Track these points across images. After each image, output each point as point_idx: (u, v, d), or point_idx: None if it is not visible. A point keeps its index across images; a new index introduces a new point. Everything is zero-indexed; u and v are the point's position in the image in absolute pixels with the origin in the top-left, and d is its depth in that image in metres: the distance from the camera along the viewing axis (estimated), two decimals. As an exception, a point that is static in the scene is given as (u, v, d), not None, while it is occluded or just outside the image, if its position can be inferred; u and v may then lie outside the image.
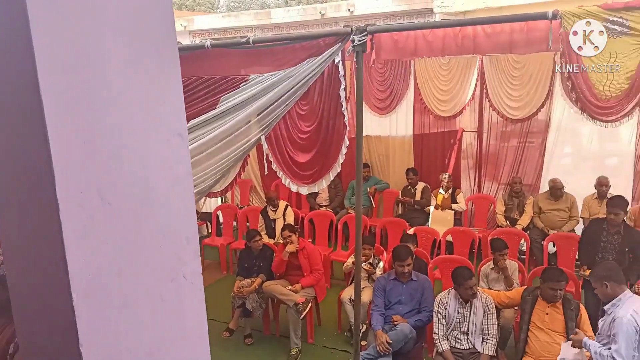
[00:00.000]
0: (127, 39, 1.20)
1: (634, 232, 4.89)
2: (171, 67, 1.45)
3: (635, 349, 3.14)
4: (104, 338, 1.14)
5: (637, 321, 3.17)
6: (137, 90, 1.29)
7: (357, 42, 3.65)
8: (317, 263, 5.57)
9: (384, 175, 8.27)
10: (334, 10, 12.73)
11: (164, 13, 1.37)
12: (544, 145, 7.08)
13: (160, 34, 1.36)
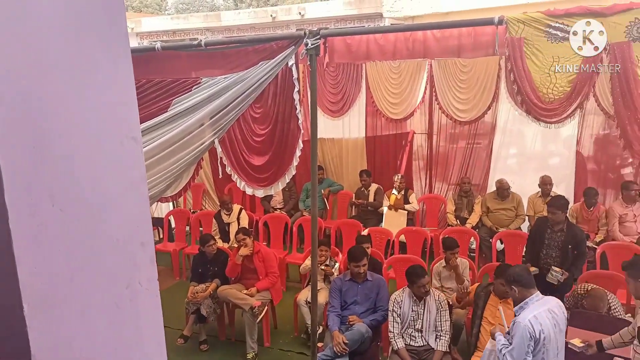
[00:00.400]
0: (76, 39, 1.17)
1: (577, 229, 5.12)
2: (124, 68, 1.43)
3: (528, 353, 3.20)
4: (58, 348, 1.10)
5: (534, 327, 3.18)
6: (89, 92, 1.26)
7: (310, 45, 3.67)
8: (272, 266, 5.56)
9: (337, 177, 8.34)
10: (285, 13, 12.73)
11: (115, 12, 1.34)
12: (490, 146, 7.33)
13: (112, 34, 1.33)
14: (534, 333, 3.17)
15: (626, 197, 6.23)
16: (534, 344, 3.19)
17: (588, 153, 6.90)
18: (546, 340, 3.20)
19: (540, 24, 4.14)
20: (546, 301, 3.37)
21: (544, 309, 3.28)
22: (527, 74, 4.20)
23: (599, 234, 6.41)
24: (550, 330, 3.22)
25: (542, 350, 3.21)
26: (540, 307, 3.29)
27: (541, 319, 3.22)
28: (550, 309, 3.31)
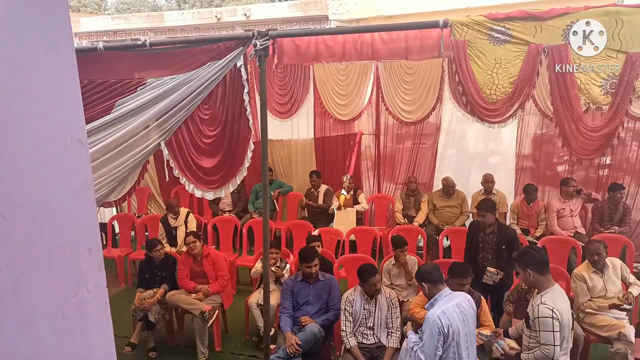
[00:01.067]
0: (16, 37, 1.13)
1: (507, 228, 5.32)
2: (68, 68, 1.38)
3: (438, 348, 3.30)
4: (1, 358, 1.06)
5: (442, 322, 3.26)
6: (30, 93, 1.21)
7: (259, 46, 3.65)
8: (222, 269, 5.48)
9: (287, 178, 8.33)
10: (230, 14, 12.60)
11: (58, 11, 1.29)
12: (435, 146, 7.52)
13: (56, 33, 1.29)
14: (443, 328, 3.26)
15: (564, 193, 6.54)
16: (444, 339, 3.28)
17: (526, 152, 7.19)
18: (455, 334, 3.29)
19: (483, 27, 4.29)
20: (455, 296, 3.48)
21: (452, 304, 3.38)
22: (471, 75, 4.34)
23: (539, 229, 6.70)
24: (458, 324, 3.31)
25: (453, 345, 3.30)
26: (448, 303, 3.39)
27: (449, 314, 3.31)
28: (459, 303, 3.41)
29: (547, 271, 3.51)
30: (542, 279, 3.48)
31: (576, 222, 6.52)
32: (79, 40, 13.98)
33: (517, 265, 3.58)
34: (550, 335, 3.32)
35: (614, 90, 4.19)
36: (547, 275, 3.50)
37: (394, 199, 7.63)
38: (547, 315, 3.32)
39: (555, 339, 3.33)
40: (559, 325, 3.33)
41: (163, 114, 3.80)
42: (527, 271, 3.48)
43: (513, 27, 4.23)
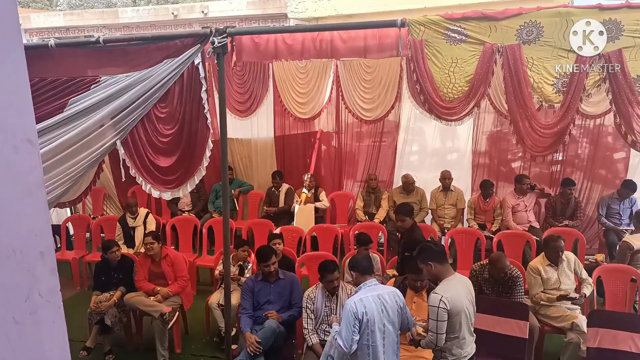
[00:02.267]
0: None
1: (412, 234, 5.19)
2: (16, 66, 1.34)
3: (354, 332, 3.42)
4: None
5: (358, 308, 3.38)
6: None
7: (217, 43, 3.61)
8: (181, 270, 5.40)
9: (247, 177, 8.27)
10: (187, 11, 12.40)
11: (5, 6, 1.25)
12: (395, 143, 7.62)
13: (1, 30, 1.25)
14: (357, 314, 3.38)
15: (518, 189, 6.75)
16: (359, 324, 3.40)
17: (482, 148, 7.37)
18: (370, 322, 3.40)
19: (439, 26, 4.36)
20: (379, 288, 3.60)
21: (373, 294, 3.50)
22: (428, 74, 4.41)
23: (495, 224, 6.90)
24: (374, 313, 3.41)
25: (367, 332, 3.41)
26: (369, 292, 3.51)
27: (366, 302, 3.43)
28: (381, 294, 3.52)
29: (445, 261, 3.62)
30: (442, 269, 3.56)
31: (530, 217, 6.74)
32: (29, 37, 13.47)
33: (418, 262, 3.66)
34: (435, 323, 3.40)
35: (565, 88, 4.34)
36: (445, 265, 3.59)
37: (355, 196, 7.68)
38: (434, 304, 3.40)
39: (438, 328, 3.39)
40: (445, 314, 3.38)
41: (118, 112, 3.71)
42: (428, 264, 3.56)
43: (469, 27, 4.32)
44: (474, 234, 6.24)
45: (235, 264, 5.44)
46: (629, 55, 4.22)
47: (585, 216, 6.87)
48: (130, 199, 7.02)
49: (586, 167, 6.97)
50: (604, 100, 4.76)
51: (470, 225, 7.02)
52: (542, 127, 4.46)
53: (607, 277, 4.99)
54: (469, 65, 4.34)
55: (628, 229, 6.25)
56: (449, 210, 7.13)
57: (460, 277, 3.66)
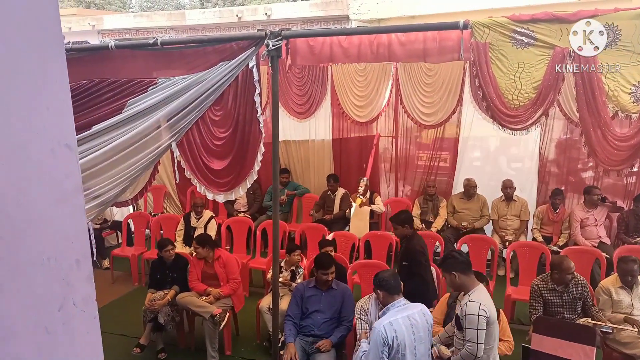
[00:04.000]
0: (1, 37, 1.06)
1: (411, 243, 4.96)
2: (56, 70, 1.30)
3: (382, 358, 3.27)
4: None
5: (387, 333, 3.25)
6: (14, 96, 1.13)
7: (272, 46, 3.56)
8: (234, 272, 5.41)
9: (304, 180, 8.23)
10: (251, 13, 12.56)
11: (47, 11, 1.22)
12: (455, 149, 7.34)
13: (43, 35, 1.21)
14: (387, 339, 3.26)
15: (588, 202, 6.32)
16: (388, 350, 3.27)
17: (550, 157, 6.97)
18: (401, 346, 3.27)
19: (505, 29, 4.12)
20: (408, 307, 3.47)
21: (402, 315, 3.38)
22: (492, 79, 4.17)
23: (562, 238, 6.50)
24: (405, 336, 3.30)
25: (398, 357, 3.29)
26: (399, 314, 3.39)
27: (396, 326, 3.31)
28: (411, 315, 3.41)
29: (470, 272, 3.53)
30: (467, 279, 3.49)
31: (600, 232, 6.30)
32: (102, 38, 14.10)
33: (442, 271, 3.60)
34: (475, 332, 3.31)
35: (644, 98, 4.00)
36: (471, 276, 3.52)
37: (412, 203, 7.48)
38: (474, 313, 3.32)
39: (479, 337, 3.31)
40: (485, 322, 3.32)
41: (174, 114, 3.73)
42: (452, 274, 3.49)
43: (537, 29, 4.04)
44: (539, 248, 5.88)
45: (287, 269, 5.39)
46: None
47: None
48: (198, 199, 7.10)
49: (663, 179, 6.43)
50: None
51: (535, 237, 6.65)
52: (617, 139, 4.12)
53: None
54: (537, 71, 4.07)
55: None
56: (511, 221, 6.79)
57: (484, 288, 3.58)
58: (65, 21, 13.87)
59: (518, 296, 5.42)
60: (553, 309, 4.53)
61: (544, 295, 4.55)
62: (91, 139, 3.70)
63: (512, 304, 5.48)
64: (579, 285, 4.52)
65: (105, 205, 4.12)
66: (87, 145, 3.73)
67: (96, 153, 3.71)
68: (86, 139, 3.69)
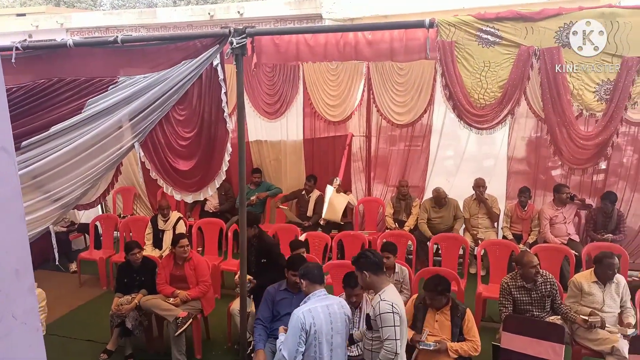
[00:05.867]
0: None
1: (265, 240, 5.24)
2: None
3: (300, 344, 3.38)
4: None
5: (305, 319, 3.37)
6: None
7: (236, 44, 3.48)
8: (204, 274, 5.30)
9: (276, 180, 8.15)
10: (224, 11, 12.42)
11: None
12: (428, 148, 7.35)
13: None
14: (305, 324, 3.37)
15: (557, 200, 6.39)
16: (306, 335, 3.37)
17: (520, 155, 7.03)
18: (317, 333, 3.38)
19: (471, 27, 4.11)
20: (328, 298, 3.60)
21: (321, 304, 3.49)
22: (458, 78, 4.16)
23: (532, 235, 6.56)
24: (323, 324, 3.41)
25: (314, 343, 3.40)
26: (318, 303, 3.50)
27: (315, 313, 3.42)
28: (330, 305, 3.52)
29: (382, 271, 3.60)
30: (377, 279, 3.55)
31: (570, 229, 6.38)
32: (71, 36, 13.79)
33: (355, 268, 3.65)
34: (392, 329, 3.36)
35: (608, 96, 4.02)
36: (382, 276, 3.58)
37: (385, 202, 7.47)
38: (387, 311, 3.37)
39: (396, 333, 3.37)
40: (399, 319, 3.39)
41: (136, 114, 3.63)
42: (363, 273, 3.54)
43: (503, 28, 4.05)
44: (509, 246, 5.92)
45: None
46: None
47: (630, 230, 6.43)
48: (162, 201, 6.97)
49: (630, 176, 6.54)
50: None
51: (505, 235, 6.70)
52: (581, 138, 4.14)
53: (653, 299, 4.63)
54: (503, 70, 4.08)
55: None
56: (482, 219, 6.83)
57: (394, 288, 3.66)
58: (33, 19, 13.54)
59: (489, 294, 5.44)
60: (522, 306, 4.55)
61: (513, 294, 4.57)
62: (50, 140, 3.57)
63: (483, 301, 5.50)
64: (547, 282, 4.55)
65: (67, 208, 3.99)
66: (46, 146, 3.60)
67: (56, 154, 3.59)
68: (45, 140, 3.57)
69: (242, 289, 4.10)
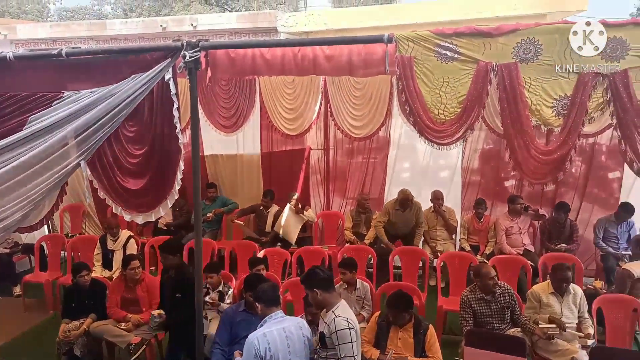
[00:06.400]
0: None
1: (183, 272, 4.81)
2: None
3: None
4: None
5: (260, 344, 3.23)
6: None
7: (189, 58, 3.35)
8: (157, 296, 5.08)
9: (233, 194, 7.98)
10: (177, 24, 12.19)
11: None
12: (385, 161, 7.38)
13: None
14: (259, 350, 3.22)
15: (512, 211, 6.50)
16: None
17: (474, 166, 7.13)
18: (274, 358, 3.24)
19: (429, 43, 4.11)
20: (285, 320, 3.44)
21: (277, 327, 3.35)
22: (418, 94, 4.14)
23: (488, 246, 6.64)
24: (279, 348, 3.27)
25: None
26: (274, 326, 3.36)
27: (270, 337, 3.27)
28: (287, 327, 3.38)
29: (333, 288, 3.53)
30: (329, 296, 3.47)
31: (525, 240, 6.50)
32: (16, 48, 13.24)
33: (304, 287, 3.56)
34: (350, 346, 3.30)
35: (565, 111, 4.09)
36: (333, 292, 3.51)
37: (344, 216, 7.42)
38: (344, 327, 3.30)
39: (353, 349, 3.31)
40: (355, 334, 3.33)
41: (82, 130, 3.42)
42: (314, 291, 3.45)
43: (461, 43, 4.06)
44: (467, 258, 5.95)
45: (214, 289, 5.12)
46: (635, 77, 3.97)
47: (582, 239, 6.60)
48: (111, 220, 6.67)
49: (580, 186, 6.73)
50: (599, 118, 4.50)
51: (463, 246, 6.77)
52: (541, 153, 4.18)
53: (607, 308, 4.69)
54: (462, 85, 4.08)
55: (626, 253, 6.01)
56: (440, 232, 6.87)
57: (346, 304, 3.58)
58: (-24, 30, 12.90)
59: (450, 307, 5.43)
60: (482, 319, 4.56)
61: (473, 306, 4.57)
62: (-12, 159, 3.33)
63: (444, 314, 5.49)
64: (506, 294, 4.58)
65: (7, 231, 3.73)
66: (-17, 165, 3.35)
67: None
68: (-18, 159, 3.32)
69: (198, 308, 3.92)
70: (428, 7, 9.22)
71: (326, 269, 3.73)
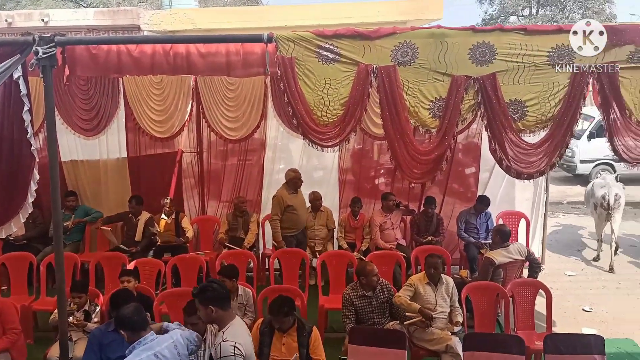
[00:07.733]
0: None
1: None
2: None
3: None
4: None
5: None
6: None
7: (43, 54, 2.97)
8: (11, 321, 4.49)
9: (96, 203, 7.35)
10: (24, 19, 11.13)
11: None
12: (261, 162, 7.32)
13: None
14: None
15: (385, 207, 6.80)
16: None
17: (347, 166, 7.34)
18: None
19: (310, 44, 4.10)
20: (158, 342, 3.21)
21: (148, 354, 3.10)
22: (300, 95, 4.09)
23: (364, 242, 6.86)
24: None
25: None
26: (144, 353, 3.11)
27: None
28: (158, 352, 3.14)
29: (229, 305, 3.35)
30: (225, 314, 3.28)
31: (397, 235, 6.82)
32: None
33: (197, 302, 3.32)
34: None
35: (441, 113, 4.28)
36: (229, 310, 3.33)
37: (220, 219, 7.20)
38: (229, 354, 3.13)
39: None
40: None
41: None
42: (209, 307, 3.24)
43: (341, 45, 4.09)
44: (345, 256, 6.11)
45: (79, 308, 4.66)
46: (502, 80, 4.23)
47: (447, 231, 7.10)
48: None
49: (442, 182, 7.22)
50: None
51: (340, 244, 6.93)
52: (419, 154, 4.36)
53: (474, 295, 5.08)
54: (344, 87, 4.11)
55: (486, 242, 6.56)
56: (319, 231, 6.95)
57: (240, 321, 3.43)
58: None
59: (331, 305, 5.50)
60: (365, 315, 4.69)
61: (355, 304, 4.68)
62: None
63: (325, 313, 5.55)
64: (384, 289, 4.76)
65: None
66: None
67: None
68: None
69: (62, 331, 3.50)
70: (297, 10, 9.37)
71: (224, 284, 3.47)
